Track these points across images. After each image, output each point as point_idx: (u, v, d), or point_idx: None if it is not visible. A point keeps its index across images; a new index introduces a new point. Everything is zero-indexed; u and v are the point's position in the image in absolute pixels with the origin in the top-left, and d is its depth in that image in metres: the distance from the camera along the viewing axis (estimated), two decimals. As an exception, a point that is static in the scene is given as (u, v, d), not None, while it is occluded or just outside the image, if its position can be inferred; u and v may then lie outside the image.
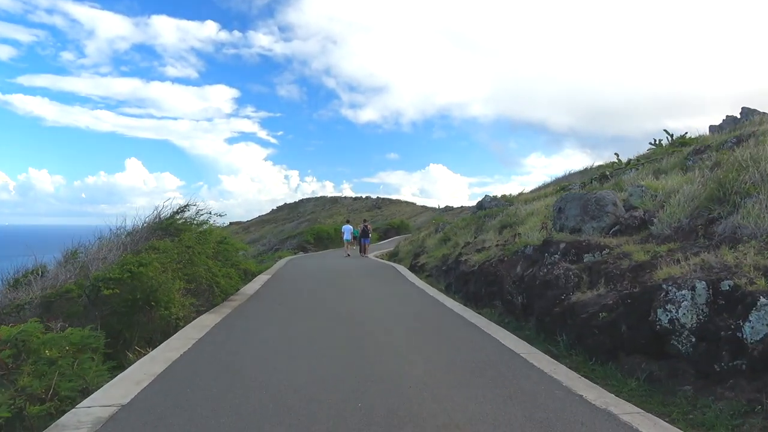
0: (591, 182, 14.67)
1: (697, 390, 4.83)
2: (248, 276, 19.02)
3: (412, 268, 18.85)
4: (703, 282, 5.06)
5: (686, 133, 15.13)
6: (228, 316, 8.84)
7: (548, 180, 22.06)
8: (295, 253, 33.80)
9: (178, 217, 11.53)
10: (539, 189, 21.11)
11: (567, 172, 28.48)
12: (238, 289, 12.38)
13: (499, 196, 20.53)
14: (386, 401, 4.58)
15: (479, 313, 9.52)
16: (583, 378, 5.53)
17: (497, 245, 12.95)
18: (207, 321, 8.26)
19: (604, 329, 6.02)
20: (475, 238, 15.29)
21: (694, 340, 4.98)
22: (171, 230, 11.23)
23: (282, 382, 5.07)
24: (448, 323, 8.33)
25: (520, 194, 21.24)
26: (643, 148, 17.67)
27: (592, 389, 5.13)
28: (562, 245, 8.17)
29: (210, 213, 12.76)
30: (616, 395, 5.03)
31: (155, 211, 11.39)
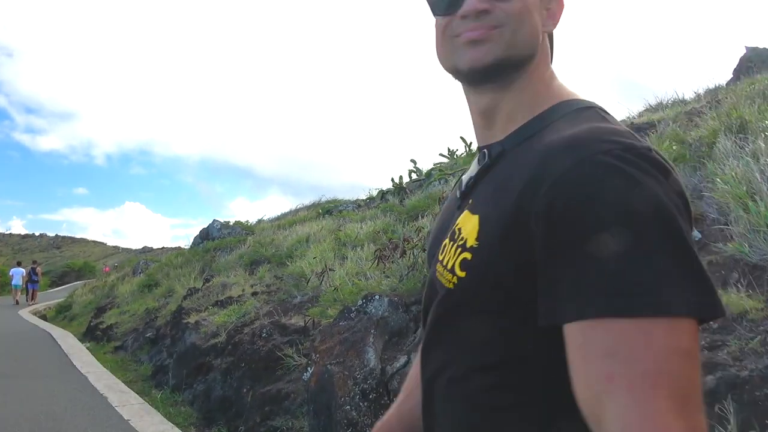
0: (382, 198, 10.28)
1: None
2: None
3: (91, 333, 11.54)
4: None
5: (471, 143, 12.29)
6: None
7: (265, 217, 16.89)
8: None
9: None
10: (284, 216, 16.05)
11: (297, 206, 24.21)
12: None
13: (231, 222, 14.76)
14: None
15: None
16: None
17: (256, 292, 7.32)
18: None
19: None
20: (207, 282, 9.30)
21: None
22: None
23: None
24: None
25: (260, 222, 15.87)
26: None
27: None
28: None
29: None
30: None
31: None
